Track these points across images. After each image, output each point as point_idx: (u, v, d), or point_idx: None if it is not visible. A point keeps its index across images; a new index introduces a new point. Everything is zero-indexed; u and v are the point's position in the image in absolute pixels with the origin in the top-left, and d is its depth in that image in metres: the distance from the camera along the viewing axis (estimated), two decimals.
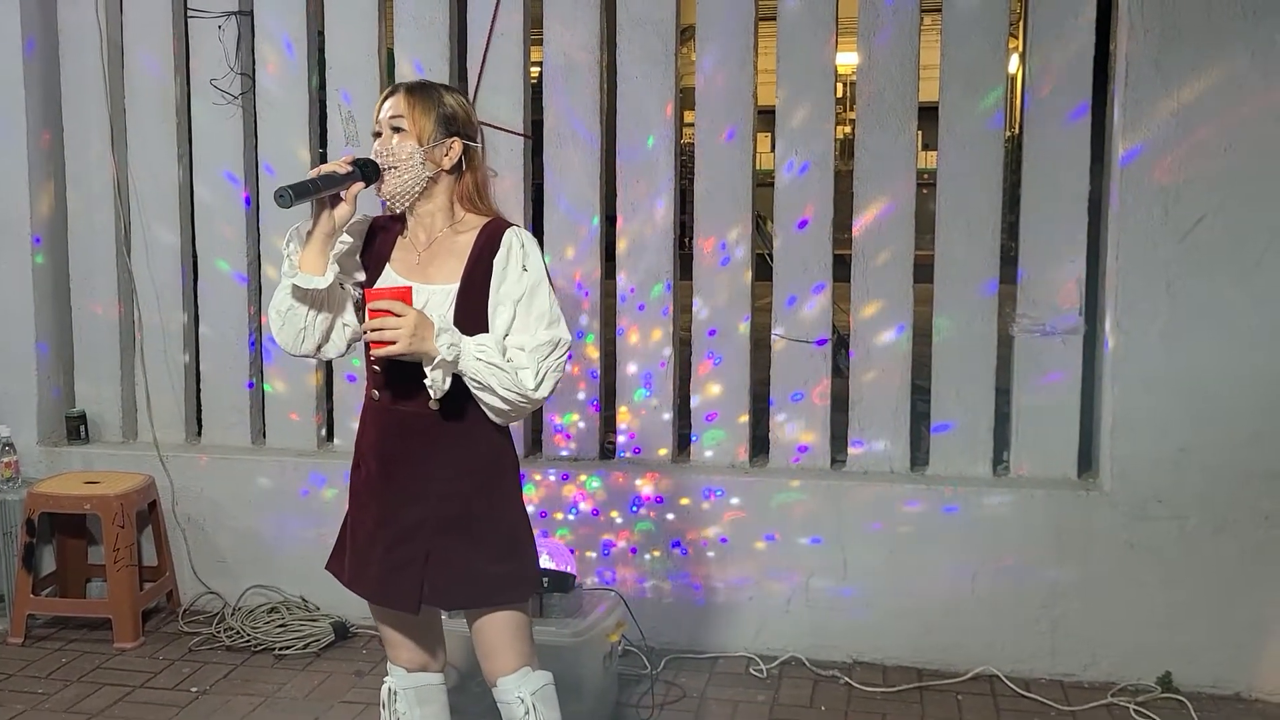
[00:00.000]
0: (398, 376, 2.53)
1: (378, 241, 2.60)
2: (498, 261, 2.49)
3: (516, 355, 2.45)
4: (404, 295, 2.38)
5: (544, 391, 2.46)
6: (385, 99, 2.55)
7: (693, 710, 3.71)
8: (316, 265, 2.47)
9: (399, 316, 2.35)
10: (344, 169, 2.45)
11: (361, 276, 2.60)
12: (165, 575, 4.40)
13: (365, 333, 2.40)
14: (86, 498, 4.17)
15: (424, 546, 2.53)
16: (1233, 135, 3.63)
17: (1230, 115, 3.63)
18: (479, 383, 2.43)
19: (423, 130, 2.50)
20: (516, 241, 2.51)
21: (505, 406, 2.45)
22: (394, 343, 2.35)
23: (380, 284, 2.53)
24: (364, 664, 3.99)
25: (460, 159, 2.55)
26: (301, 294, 2.50)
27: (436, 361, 2.39)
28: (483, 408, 2.48)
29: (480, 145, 2.63)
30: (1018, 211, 3.92)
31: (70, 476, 4.37)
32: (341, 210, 2.48)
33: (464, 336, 2.42)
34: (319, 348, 2.59)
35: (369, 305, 2.38)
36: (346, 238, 2.55)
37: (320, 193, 2.42)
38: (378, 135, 2.54)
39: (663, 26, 4.06)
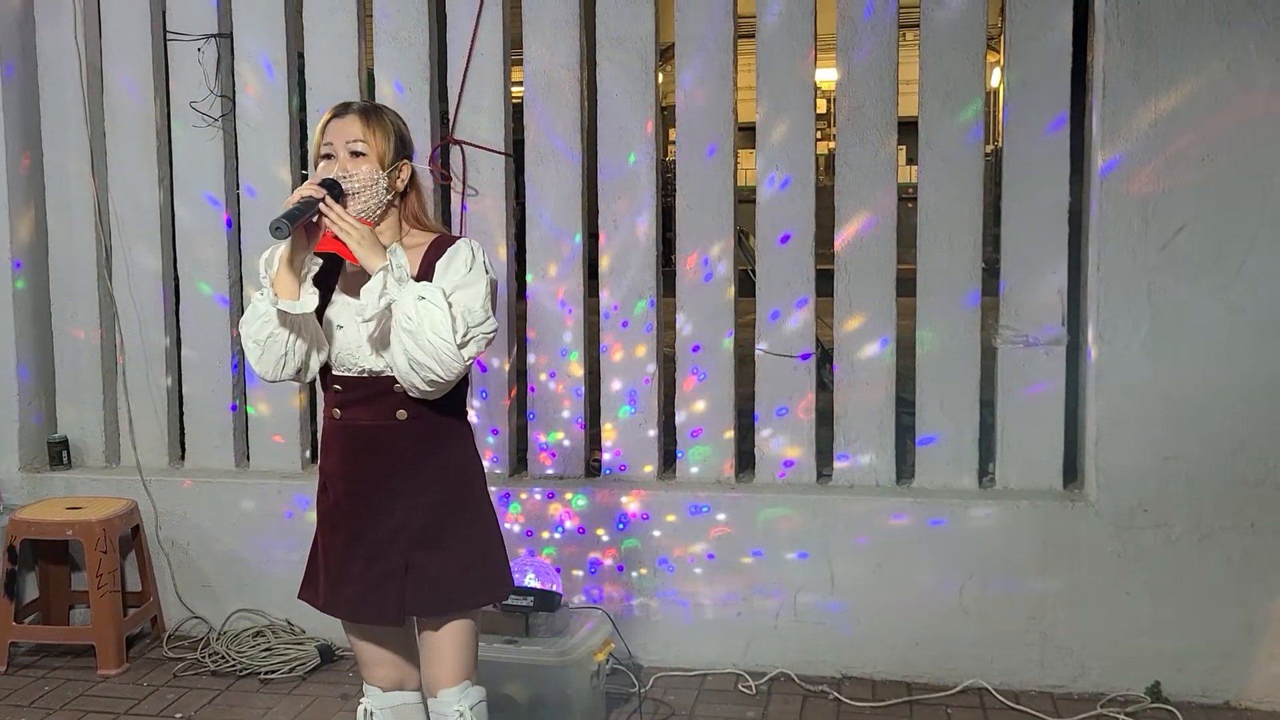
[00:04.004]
0: (358, 393, 2.55)
1: (322, 264, 2.59)
2: (442, 261, 2.51)
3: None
4: (369, 225, 2.49)
5: (467, 352, 2.43)
6: (332, 120, 2.54)
7: None
8: (293, 290, 2.48)
9: (357, 227, 2.42)
10: (318, 193, 2.45)
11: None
12: (149, 601, 4.37)
13: (317, 219, 2.42)
14: (68, 523, 4.14)
15: (401, 558, 2.54)
16: (1211, 145, 3.65)
17: (1208, 125, 3.65)
18: (410, 324, 2.38)
19: (383, 153, 2.52)
20: (467, 248, 2.54)
21: (422, 355, 2.39)
22: (349, 235, 2.40)
23: (333, 309, 2.57)
24: (350, 687, 3.96)
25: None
26: (284, 319, 2.50)
27: (379, 268, 2.40)
28: (395, 361, 2.43)
29: (425, 166, 2.64)
30: (999, 224, 3.93)
31: (52, 502, 4.34)
32: (314, 234, 2.49)
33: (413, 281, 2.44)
34: (298, 372, 2.58)
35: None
36: (317, 259, 2.54)
37: (304, 217, 2.43)
38: (327, 158, 2.53)
39: (642, 44, 4.07)
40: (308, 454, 4.47)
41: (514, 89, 4.24)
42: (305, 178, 4.33)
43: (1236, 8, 3.60)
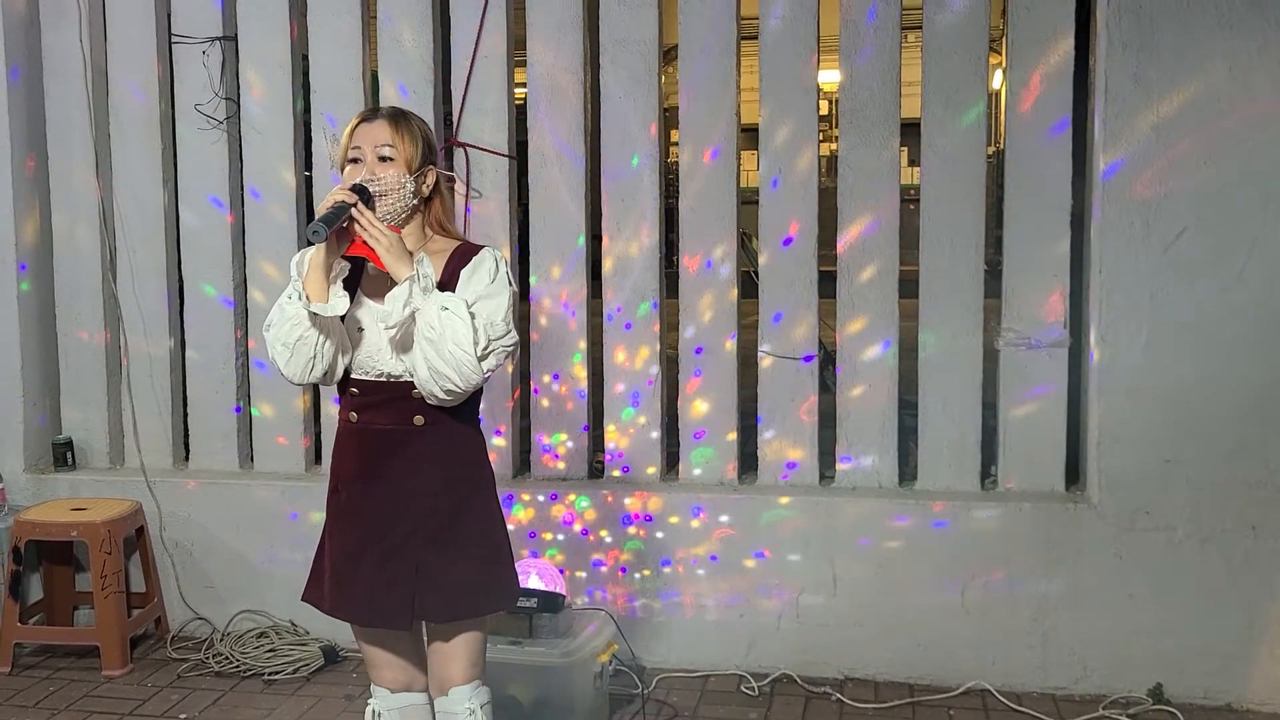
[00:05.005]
0: (376, 397, 2.57)
1: (349, 268, 2.61)
2: (466, 271, 2.53)
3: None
4: (396, 230, 2.51)
5: (486, 364, 2.46)
6: (360, 124, 2.58)
7: None
8: (322, 293, 2.49)
9: (386, 234, 2.44)
10: (350, 198, 2.47)
11: None
12: (153, 601, 4.38)
13: (347, 224, 2.44)
14: (73, 524, 4.15)
15: (412, 562, 2.56)
16: (1213, 148, 3.66)
17: (1210, 128, 3.65)
18: (432, 334, 2.41)
19: (410, 158, 2.55)
20: (490, 258, 2.56)
21: (443, 365, 2.42)
22: (378, 242, 2.42)
23: (356, 310, 2.58)
24: (354, 688, 3.97)
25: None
26: (314, 321, 2.51)
27: (406, 277, 2.42)
28: (416, 369, 2.46)
29: (450, 171, 2.67)
30: (1001, 225, 3.94)
31: (57, 503, 4.35)
32: (344, 238, 2.51)
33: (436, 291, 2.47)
34: (325, 374, 2.59)
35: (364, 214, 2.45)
36: (345, 262, 2.56)
37: (338, 222, 2.45)
38: (354, 161, 2.56)
39: (645, 47, 4.08)
40: (312, 455, 4.48)
41: (517, 90, 4.25)
42: (309, 180, 4.40)
43: (1238, 11, 3.61)
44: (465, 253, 2.57)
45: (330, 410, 4.38)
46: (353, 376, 2.60)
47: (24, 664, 4.23)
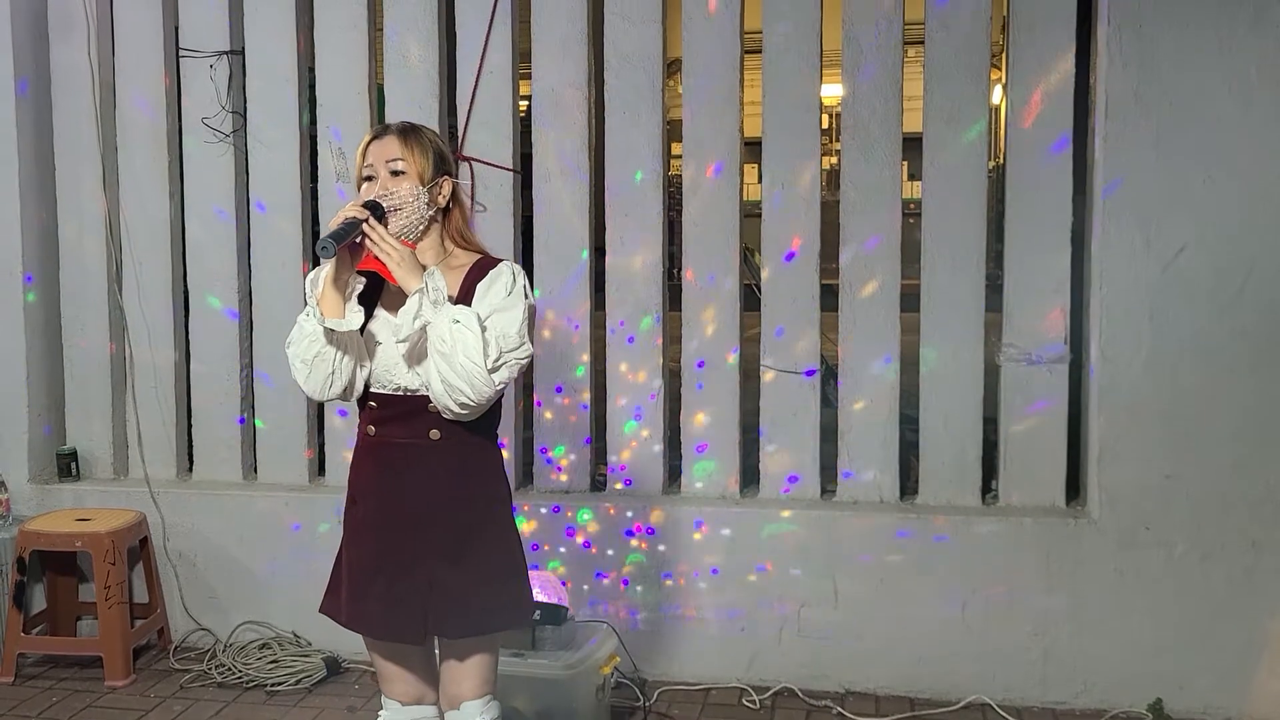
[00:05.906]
0: (394, 410, 2.58)
1: (365, 283, 2.63)
2: (482, 284, 2.55)
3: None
4: (411, 246, 2.53)
5: (498, 377, 2.47)
6: (372, 142, 2.61)
7: None
8: (337, 309, 2.51)
9: (397, 248, 2.46)
10: (361, 214, 2.49)
11: None
12: (156, 612, 4.39)
13: (360, 239, 2.46)
14: (77, 535, 4.16)
15: (426, 576, 2.57)
16: (1212, 166, 3.68)
17: (1209, 146, 3.68)
18: (444, 347, 2.43)
19: (423, 171, 2.57)
20: (509, 271, 2.58)
21: (455, 378, 2.44)
22: (389, 256, 2.44)
23: (374, 324, 2.61)
24: (356, 699, 3.98)
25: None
26: (330, 337, 2.53)
27: (415, 289, 2.44)
28: (430, 382, 2.48)
29: (467, 181, 2.68)
30: (1003, 241, 3.96)
31: (61, 514, 4.37)
32: (358, 254, 2.53)
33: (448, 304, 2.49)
34: (345, 389, 2.61)
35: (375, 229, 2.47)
36: (361, 277, 2.58)
37: (349, 238, 2.47)
38: (368, 179, 2.58)
39: (649, 62, 4.10)
40: (315, 467, 4.50)
41: (521, 104, 4.27)
42: (314, 192, 4.42)
43: (1238, 31, 3.64)
44: (484, 266, 2.59)
45: (334, 423, 4.40)
46: (371, 390, 2.62)
47: (27, 674, 4.24)
